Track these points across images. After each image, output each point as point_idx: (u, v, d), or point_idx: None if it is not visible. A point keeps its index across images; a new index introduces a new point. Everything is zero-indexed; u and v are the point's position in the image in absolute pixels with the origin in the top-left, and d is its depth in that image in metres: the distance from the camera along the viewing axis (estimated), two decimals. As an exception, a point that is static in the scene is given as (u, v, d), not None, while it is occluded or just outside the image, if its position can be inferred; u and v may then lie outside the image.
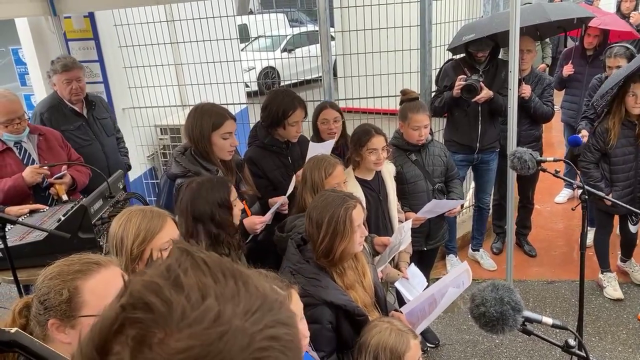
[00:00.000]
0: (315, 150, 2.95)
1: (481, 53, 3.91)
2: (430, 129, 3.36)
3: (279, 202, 2.77)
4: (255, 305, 0.53)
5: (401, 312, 2.24)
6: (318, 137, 3.34)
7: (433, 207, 3.08)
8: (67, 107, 3.68)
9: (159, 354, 0.48)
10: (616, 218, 4.00)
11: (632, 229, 3.82)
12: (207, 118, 2.64)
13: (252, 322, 0.52)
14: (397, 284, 2.77)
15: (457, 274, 2.20)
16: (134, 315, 0.50)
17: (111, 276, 1.36)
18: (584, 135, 3.82)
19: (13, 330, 1.12)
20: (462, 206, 3.53)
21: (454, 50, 4.20)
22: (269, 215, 2.69)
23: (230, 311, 0.51)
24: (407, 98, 3.23)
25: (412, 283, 2.78)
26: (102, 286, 1.33)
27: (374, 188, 2.97)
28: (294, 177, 2.87)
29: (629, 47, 4.25)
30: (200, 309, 0.50)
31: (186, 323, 0.50)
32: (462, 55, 4.09)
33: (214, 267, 0.55)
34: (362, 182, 2.92)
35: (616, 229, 4.15)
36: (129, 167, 4.21)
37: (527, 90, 3.93)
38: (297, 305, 1.54)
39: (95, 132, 3.80)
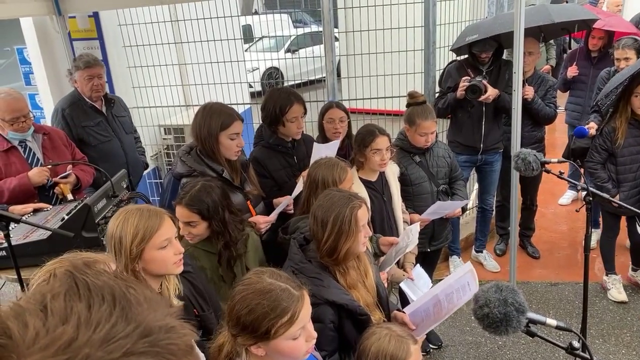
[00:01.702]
0: (319, 150, 2.92)
1: (484, 54, 3.90)
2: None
3: (284, 202, 2.76)
4: (123, 332, 0.51)
5: (404, 312, 2.23)
6: (323, 137, 3.33)
7: (437, 209, 3.08)
8: (87, 104, 3.78)
9: None
10: (623, 220, 3.97)
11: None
12: (216, 117, 2.64)
13: (109, 349, 0.49)
14: (401, 285, 2.76)
15: (460, 274, 2.18)
16: None
17: None
18: (591, 127, 3.79)
19: None
20: (464, 208, 3.52)
21: (457, 50, 4.19)
22: (273, 216, 2.68)
23: (85, 338, 0.49)
24: (415, 102, 3.19)
25: (417, 284, 2.78)
26: None
27: (377, 189, 2.96)
28: (300, 179, 2.86)
29: (638, 39, 4.23)
30: (53, 335, 0.48)
31: (36, 348, 0.48)
32: (466, 56, 4.08)
33: (96, 292, 0.53)
34: (366, 183, 2.91)
35: (625, 233, 4.09)
36: (146, 166, 4.31)
37: (529, 91, 3.92)
38: (307, 307, 1.53)
39: (114, 128, 3.89)
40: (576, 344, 1.57)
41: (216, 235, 2.32)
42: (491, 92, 3.77)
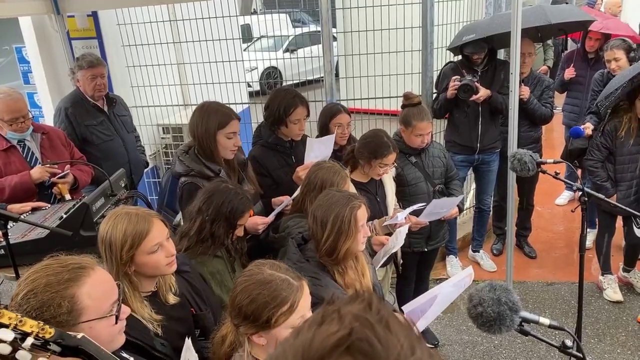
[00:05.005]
0: (312, 145, 2.93)
1: (476, 55, 3.92)
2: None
3: (284, 202, 2.77)
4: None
5: (402, 312, 2.25)
6: None
7: (434, 208, 3.08)
8: (89, 103, 3.80)
9: None
10: (619, 220, 3.98)
11: (637, 232, 3.77)
12: (214, 117, 2.65)
13: None
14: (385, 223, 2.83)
15: (461, 277, 2.19)
16: (352, 344, 0.52)
17: (101, 277, 1.37)
18: (587, 127, 3.80)
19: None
20: (461, 208, 3.53)
21: (454, 50, 4.21)
22: (271, 217, 2.69)
23: (421, 352, 0.55)
24: (410, 103, 3.20)
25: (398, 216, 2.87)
26: (97, 289, 1.34)
27: (370, 190, 2.97)
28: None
29: (626, 39, 4.25)
30: (413, 357, 0.54)
31: None
32: (461, 57, 4.10)
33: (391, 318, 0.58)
34: (357, 185, 2.91)
35: (621, 233, 4.11)
36: (146, 164, 4.33)
37: (525, 91, 3.93)
38: (306, 296, 1.57)
39: (116, 127, 3.92)
40: (569, 343, 1.59)
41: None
42: (482, 93, 3.79)
